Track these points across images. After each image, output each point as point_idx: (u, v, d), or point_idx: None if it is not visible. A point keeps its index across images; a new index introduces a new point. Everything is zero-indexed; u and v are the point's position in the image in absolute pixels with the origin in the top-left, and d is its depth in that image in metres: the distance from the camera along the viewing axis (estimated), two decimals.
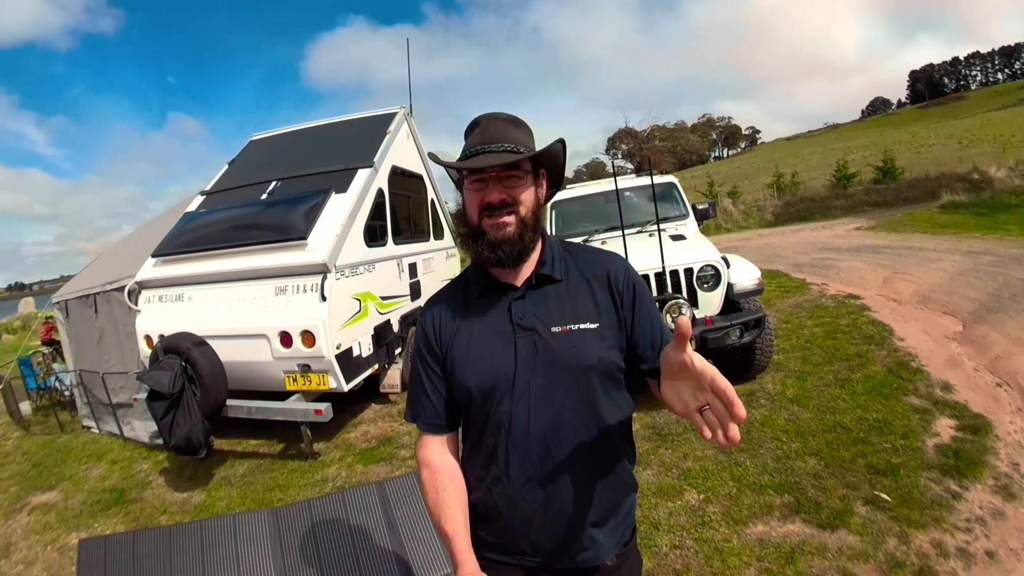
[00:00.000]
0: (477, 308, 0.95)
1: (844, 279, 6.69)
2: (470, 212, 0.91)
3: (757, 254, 8.71)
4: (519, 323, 0.91)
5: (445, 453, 0.97)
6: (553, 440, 0.88)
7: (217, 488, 3.45)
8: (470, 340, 0.93)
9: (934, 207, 12.44)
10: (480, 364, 0.91)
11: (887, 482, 2.32)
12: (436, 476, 0.93)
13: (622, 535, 0.95)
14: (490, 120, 0.92)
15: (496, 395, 0.90)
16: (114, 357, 4.52)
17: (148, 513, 3.28)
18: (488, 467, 0.93)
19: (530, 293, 0.93)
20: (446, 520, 0.89)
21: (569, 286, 0.94)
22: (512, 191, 0.88)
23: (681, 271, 3.28)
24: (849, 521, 2.11)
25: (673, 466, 2.74)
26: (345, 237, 3.68)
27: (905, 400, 3.08)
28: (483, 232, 0.90)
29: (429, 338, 0.97)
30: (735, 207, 17.42)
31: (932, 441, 2.62)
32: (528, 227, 0.90)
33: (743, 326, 3.13)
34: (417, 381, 0.99)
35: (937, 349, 3.87)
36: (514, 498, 0.90)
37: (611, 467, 0.93)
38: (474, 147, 0.89)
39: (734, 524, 2.22)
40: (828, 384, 3.45)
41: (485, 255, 0.90)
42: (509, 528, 0.92)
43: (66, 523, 3.36)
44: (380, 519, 2.74)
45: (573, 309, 0.91)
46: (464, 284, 1.00)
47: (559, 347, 0.89)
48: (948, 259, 6.77)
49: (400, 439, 3.72)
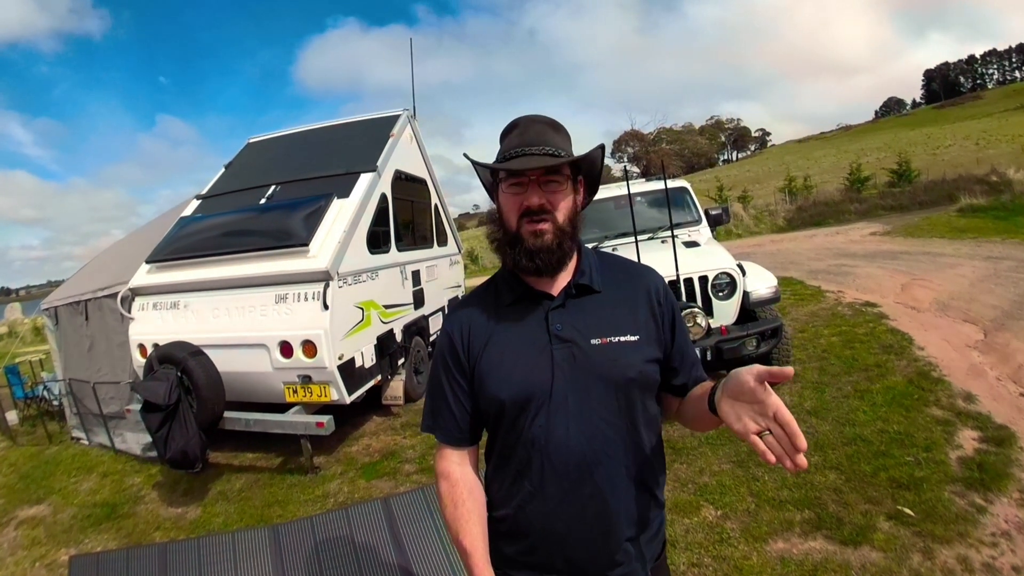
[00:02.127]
0: (510, 317, 0.94)
1: (861, 286, 6.74)
2: (507, 216, 0.91)
3: (770, 260, 8.75)
4: (557, 334, 0.90)
5: (465, 466, 0.97)
6: (591, 455, 0.88)
7: (213, 503, 3.46)
8: (503, 351, 0.93)
9: (952, 211, 12.54)
10: (515, 376, 0.90)
11: (910, 496, 2.35)
12: (455, 489, 0.94)
13: (655, 550, 0.97)
14: (530, 122, 0.93)
15: (531, 408, 0.89)
16: (105, 366, 4.55)
17: (141, 529, 3.28)
18: (519, 483, 0.92)
19: (569, 302, 0.93)
20: (464, 534, 0.90)
21: (607, 297, 0.94)
22: (552, 196, 0.88)
23: (695, 279, 3.33)
24: (872, 537, 2.14)
25: (689, 481, 2.77)
26: (348, 243, 3.72)
27: (927, 411, 3.12)
28: (521, 239, 0.89)
29: (456, 347, 0.96)
30: (746, 212, 17.53)
31: (955, 454, 2.66)
32: (566, 235, 0.90)
33: (760, 336, 3.17)
34: (439, 391, 0.99)
35: (958, 358, 3.91)
36: (549, 515, 0.90)
37: (646, 482, 0.94)
38: (513, 149, 0.89)
39: (754, 541, 2.24)
40: (847, 395, 3.49)
41: (523, 263, 0.89)
42: (542, 545, 0.92)
43: (55, 538, 3.36)
44: (386, 537, 2.75)
45: (612, 321, 0.92)
46: (494, 291, 0.99)
47: (599, 359, 0.89)
48: (967, 265, 6.83)
49: (404, 453, 3.74)
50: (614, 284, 0.96)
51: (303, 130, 5.44)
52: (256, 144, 5.49)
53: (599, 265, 0.98)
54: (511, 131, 0.93)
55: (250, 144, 5.52)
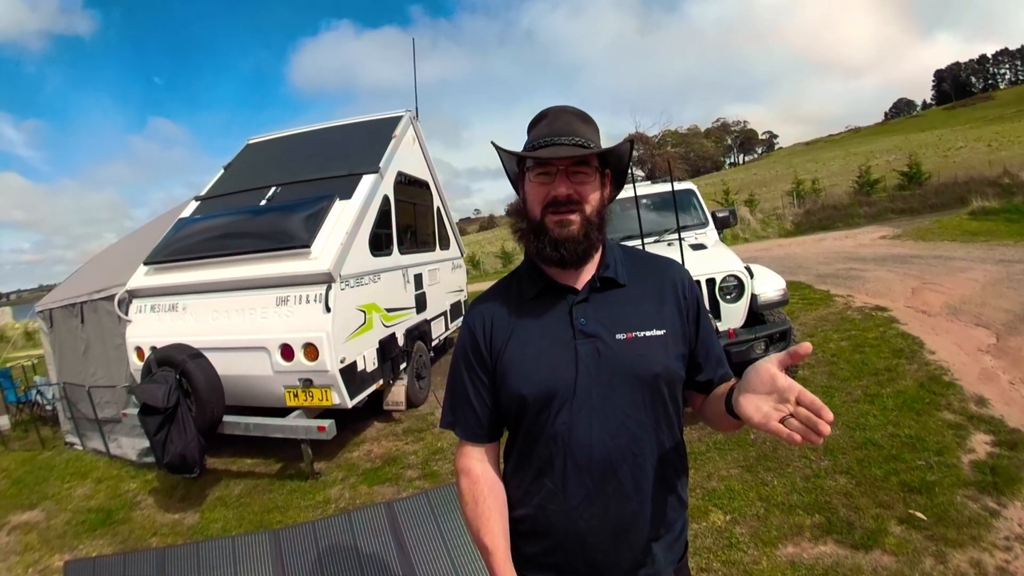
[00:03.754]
0: (533, 311, 0.94)
1: (870, 290, 6.80)
2: (532, 206, 0.91)
3: (777, 265, 8.76)
4: (581, 329, 0.90)
5: (485, 463, 0.97)
6: (616, 453, 0.88)
7: (211, 509, 3.49)
8: (526, 345, 0.92)
9: (963, 213, 12.59)
10: (538, 372, 0.90)
11: (922, 500, 2.39)
12: (476, 486, 0.94)
13: (677, 552, 0.97)
14: (559, 112, 0.93)
15: (555, 405, 0.89)
16: (100, 370, 4.59)
17: (137, 535, 3.31)
18: (540, 481, 0.92)
19: (594, 296, 0.93)
20: (485, 532, 0.90)
21: (632, 291, 0.94)
22: (580, 188, 0.89)
23: (703, 281, 3.38)
24: (883, 541, 2.17)
25: (697, 486, 2.81)
26: (350, 245, 3.77)
27: (938, 415, 3.16)
28: (546, 229, 0.89)
29: (478, 342, 0.96)
30: (753, 216, 17.62)
31: (968, 457, 2.69)
32: (594, 226, 0.90)
33: (768, 339, 3.22)
34: (460, 386, 0.98)
35: (970, 362, 3.95)
36: (570, 514, 0.90)
37: (670, 482, 0.94)
38: (541, 138, 0.89)
39: (763, 546, 2.28)
40: (857, 400, 3.53)
41: (547, 253, 0.89)
42: (563, 546, 0.91)
43: (49, 544, 3.38)
44: (390, 542, 2.78)
45: (638, 315, 0.92)
46: (516, 284, 0.99)
47: (625, 355, 0.89)
48: (979, 268, 6.88)
49: (406, 459, 3.77)
50: (639, 278, 0.96)
51: (303, 131, 5.51)
52: (255, 145, 5.56)
53: (624, 258, 0.98)
54: (540, 120, 0.94)
55: (249, 145, 5.59)
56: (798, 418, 0.71)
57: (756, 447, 3.09)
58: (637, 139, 50.35)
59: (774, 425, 0.73)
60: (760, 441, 3.13)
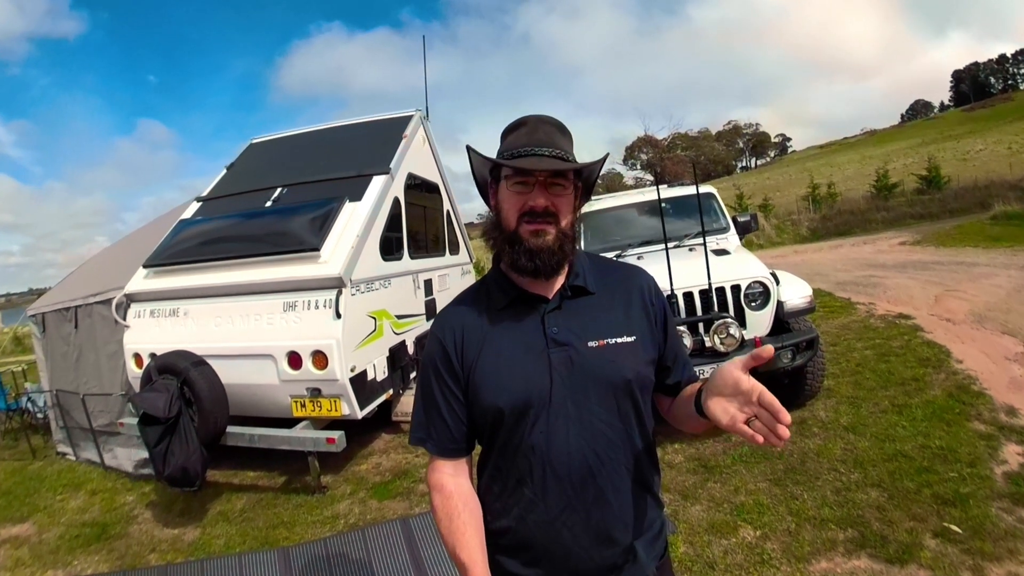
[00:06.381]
0: (505, 321, 0.98)
1: (892, 298, 6.89)
2: (507, 215, 0.96)
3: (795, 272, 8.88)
4: (554, 337, 0.95)
5: (459, 477, 1.00)
6: (594, 460, 0.93)
7: (213, 524, 3.50)
8: (499, 356, 0.96)
9: (985, 218, 12.75)
10: (512, 382, 0.94)
11: (956, 513, 2.45)
12: (450, 501, 0.97)
13: (658, 550, 1.03)
14: (539, 122, 0.98)
15: (531, 415, 0.93)
16: (93, 377, 4.60)
17: (135, 551, 3.32)
18: (519, 492, 0.96)
19: (565, 304, 0.98)
20: (461, 548, 0.92)
21: (602, 299, 1.00)
22: (556, 200, 0.94)
23: (728, 288, 3.44)
24: (919, 555, 2.23)
25: (724, 501, 2.86)
26: (361, 249, 3.80)
27: (968, 426, 3.23)
28: (521, 239, 0.94)
29: (449, 353, 0.99)
30: (767, 222, 17.77)
31: (1000, 468, 2.76)
32: (568, 238, 0.96)
33: (795, 347, 3.27)
34: (430, 400, 1.01)
35: (998, 371, 4.03)
36: (553, 523, 0.94)
37: (646, 483, 1.01)
38: (520, 147, 0.94)
39: (796, 561, 2.33)
40: (884, 410, 3.60)
41: (522, 263, 0.94)
42: (547, 556, 0.96)
43: (41, 559, 3.38)
44: (406, 559, 2.81)
45: (608, 323, 0.98)
46: (486, 294, 1.03)
47: (597, 362, 0.94)
48: (1003, 274, 6.99)
49: (417, 472, 3.81)
50: (608, 286, 1.02)
51: (309, 131, 5.55)
52: (259, 144, 5.58)
53: (592, 267, 1.04)
54: (518, 128, 0.98)
55: (253, 144, 5.61)
56: (762, 420, 0.77)
57: (783, 459, 3.14)
58: (646, 142, 50.60)
59: (740, 427, 0.79)
60: (788, 454, 3.18)
